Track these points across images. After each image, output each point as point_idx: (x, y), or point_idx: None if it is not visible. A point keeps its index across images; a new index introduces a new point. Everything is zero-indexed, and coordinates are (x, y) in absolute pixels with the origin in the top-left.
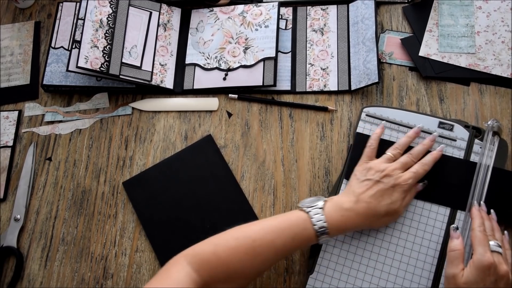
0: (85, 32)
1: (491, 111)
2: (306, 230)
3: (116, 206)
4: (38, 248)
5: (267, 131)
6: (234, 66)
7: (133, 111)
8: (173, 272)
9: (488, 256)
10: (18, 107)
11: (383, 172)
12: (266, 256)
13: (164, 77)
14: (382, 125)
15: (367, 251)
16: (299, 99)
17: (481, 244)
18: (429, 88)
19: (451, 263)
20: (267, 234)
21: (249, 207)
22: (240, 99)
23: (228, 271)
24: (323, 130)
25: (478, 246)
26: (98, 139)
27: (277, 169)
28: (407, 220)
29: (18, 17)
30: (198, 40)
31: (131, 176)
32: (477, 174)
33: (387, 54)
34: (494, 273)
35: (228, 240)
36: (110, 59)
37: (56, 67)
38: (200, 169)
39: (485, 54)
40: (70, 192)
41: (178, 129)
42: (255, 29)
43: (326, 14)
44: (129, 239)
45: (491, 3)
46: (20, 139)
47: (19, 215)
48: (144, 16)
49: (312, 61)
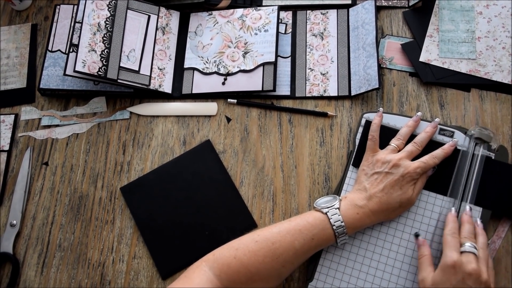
0: (83, 36)
1: (491, 117)
2: (325, 231)
3: (113, 212)
4: (34, 254)
5: (267, 136)
6: (233, 70)
7: (131, 115)
8: (195, 278)
9: (453, 255)
10: (14, 111)
11: (391, 163)
12: (286, 258)
13: (163, 81)
14: (380, 113)
15: (367, 258)
16: (299, 104)
17: (448, 246)
18: (430, 94)
19: (421, 268)
20: (286, 236)
21: (248, 214)
22: (239, 104)
23: (249, 275)
24: (323, 136)
25: (446, 248)
26: (95, 144)
27: (277, 175)
28: (410, 213)
29: (15, 19)
30: (197, 44)
31: (129, 181)
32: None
33: (387, 59)
34: (460, 271)
35: (248, 244)
36: (108, 63)
37: (53, 70)
38: (198, 175)
39: (485, 60)
40: (67, 198)
41: (177, 134)
42: (255, 33)
43: (326, 18)
44: (127, 245)
45: (492, 9)
46: (17, 143)
47: (15, 220)
48: (142, 19)
49: (312, 66)
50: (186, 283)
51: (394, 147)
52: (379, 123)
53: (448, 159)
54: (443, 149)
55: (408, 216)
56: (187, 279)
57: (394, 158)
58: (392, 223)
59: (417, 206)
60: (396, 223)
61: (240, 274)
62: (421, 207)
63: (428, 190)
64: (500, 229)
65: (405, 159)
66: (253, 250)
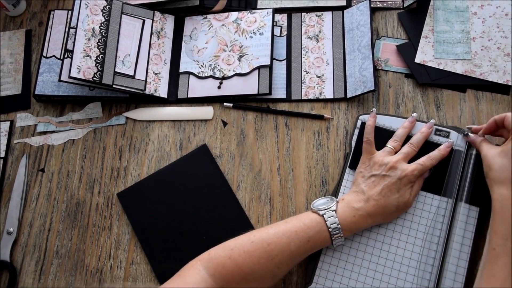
0: (77, 41)
1: (487, 118)
2: (321, 233)
3: (110, 218)
4: (31, 261)
5: (263, 140)
6: (228, 74)
7: (127, 120)
8: (188, 276)
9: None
10: (9, 118)
11: (388, 165)
12: (281, 260)
13: (158, 86)
14: (373, 114)
15: (365, 260)
16: (295, 107)
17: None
18: (426, 95)
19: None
20: (282, 238)
21: (245, 218)
22: (235, 107)
23: (243, 275)
24: (319, 139)
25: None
26: (91, 150)
27: (273, 178)
28: (408, 214)
29: (9, 25)
30: (192, 48)
31: (125, 187)
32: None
33: (383, 61)
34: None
35: (244, 244)
36: (103, 69)
37: (48, 76)
38: (195, 179)
39: (481, 61)
40: (64, 204)
41: (173, 138)
42: (250, 36)
43: (321, 20)
44: (124, 251)
45: (487, 9)
46: (12, 150)
47: (12, 228)
48: (137, 24)
49: (308, 69)
50: (180, 282)
51: (390, 148)
52: (373, 124)
53: (443, 159)
54: (439, 150)
55: (406, 218)
56: (181, 278)
57: (391, 160)
58: (390, 225)
59: (414, 207)
60: (394, 225)
61: (235, 274)
62: (418, 208)
63: (424, 191)
64: None
65: (402, 161)
66: (248, 250)
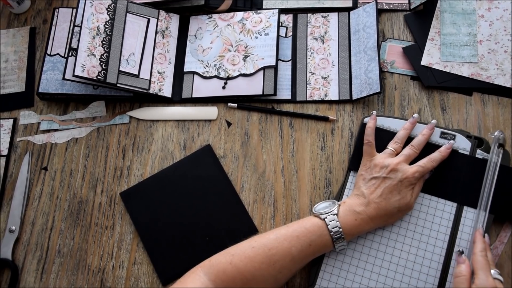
0: (82, 40)
1: (493, 121)
2: (322, 237)
3: (113, 217)
4: (33, 260)
5: (267, 141)
6: (233, 74)
7: (131, 119)
8: (189, 283)
9: (490, 281)
10: (13, 115)
11: (389, 168)
12: (283, 265)
13: (162, 85)
14: (373, 116)
15: (369, 264)
16: (300, 108)
17: (483, 269)
18: (431, 98)
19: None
20: (283, 242)
21: (249, 219)
22: (239, 108)
23: (245, 281)
24: (324, 140)
25: (480, 271)
26: (95, 148)
27: (277, 180)
28: (412, 218)
29: (13, 23)
30: (197, 48)
31: (128, 186)
32: (485, 179)
33: (388, 63)
34: None
35: (245, 250)
36: (107, 68)
37: (52, 74)
38: (199, 180)
39: (487, 64)
40: (67, 203)
41: (177, 138)
42: (255, 36)
43: (327, 21)
44: (127, 251)
45: (494, 12)
46: (15, 148)
47: (14, 226)
48: (142, 23)
49: (313, 70)
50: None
51: (391, 150)
52: (373, 126)
53: (448, 163)
54: (440, 151)
55: (410, 221)
56: (181, 284)
57: (392, 162)
58: (394, 228)
59: (418, 210)
60: (398, 228)
61: (236, 280)
62: (423, 211)
63: (429, 194)
64: (503, 234)
65: (403, 163)
66: (249, 256)
